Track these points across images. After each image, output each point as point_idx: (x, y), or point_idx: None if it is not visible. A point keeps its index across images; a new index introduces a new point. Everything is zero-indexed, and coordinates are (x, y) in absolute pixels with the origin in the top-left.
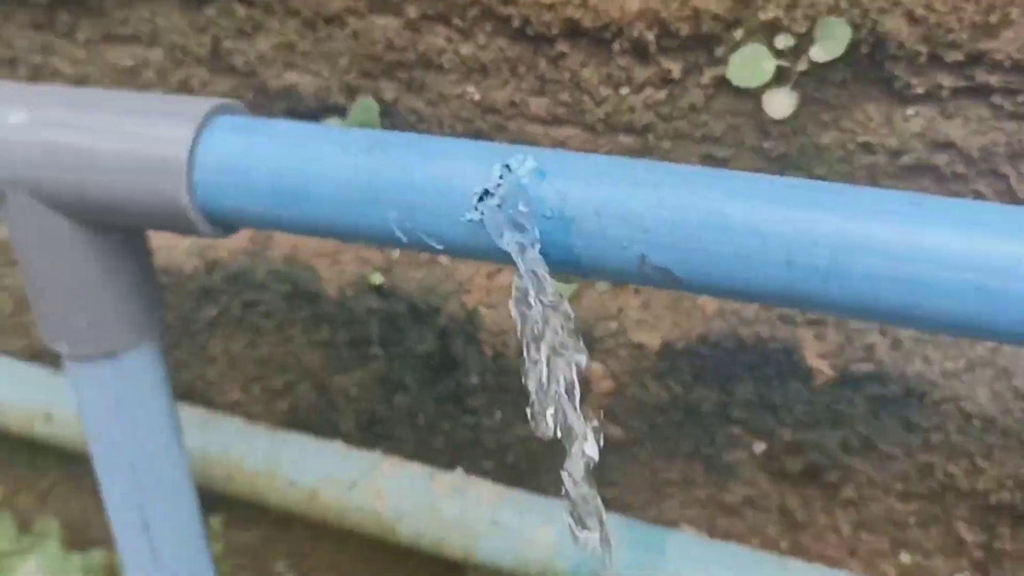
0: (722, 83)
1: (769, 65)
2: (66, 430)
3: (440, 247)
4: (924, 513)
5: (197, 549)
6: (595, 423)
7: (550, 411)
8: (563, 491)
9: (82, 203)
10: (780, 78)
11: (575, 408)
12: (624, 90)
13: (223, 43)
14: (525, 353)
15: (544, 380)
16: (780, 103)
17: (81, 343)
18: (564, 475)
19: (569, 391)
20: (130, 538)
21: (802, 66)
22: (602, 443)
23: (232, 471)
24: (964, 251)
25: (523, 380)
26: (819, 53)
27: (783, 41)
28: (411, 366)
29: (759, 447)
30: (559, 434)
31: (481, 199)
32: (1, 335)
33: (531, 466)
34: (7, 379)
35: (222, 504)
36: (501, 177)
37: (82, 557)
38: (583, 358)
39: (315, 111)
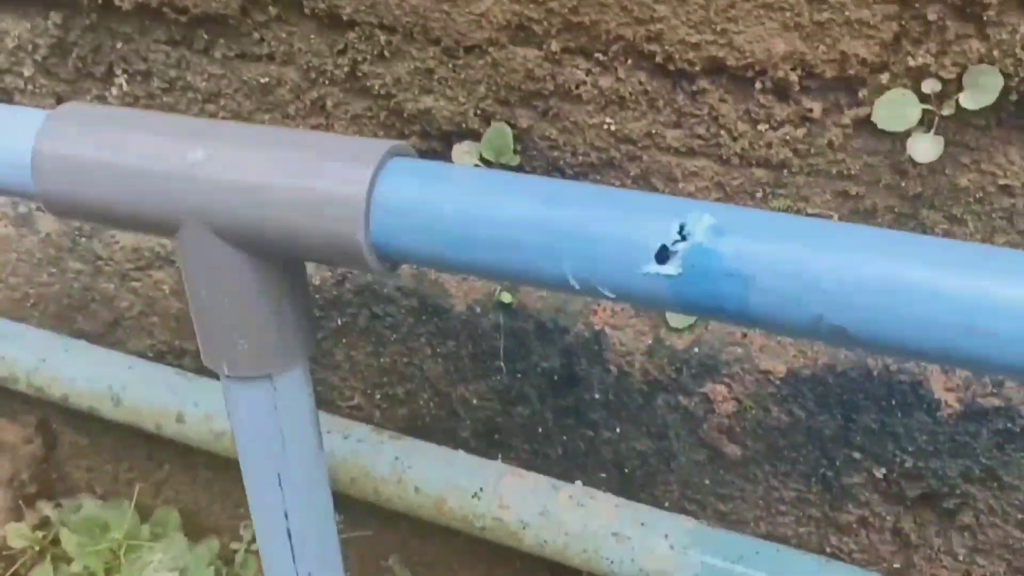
0: (863, 123)
1: (915, 111)
2: (193, 430)
3: (613, 296)
4: None
5: (332, 550)
6: None
7: None
8: None
9: (256, 237)
10: (924, 122)
11: None
12: (762, 126)
13: (360, 66)
14: None
15: None
16: (926, 148)
17: (241, 366)
18: None
19: None
20: (273, 541)
21: (947, 111)
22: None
23: (357, 475)
24: None
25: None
26: (969, 101)
27: (930, 86)
28: (534, 381)
29: (879, 472)
30: None
31: (660, 255)
32: (130, 336)
33: (647, 479)
34: (141, 380)
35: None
36: (680, 233)
37: (206, 547)
38: None
39: (449, 134)
